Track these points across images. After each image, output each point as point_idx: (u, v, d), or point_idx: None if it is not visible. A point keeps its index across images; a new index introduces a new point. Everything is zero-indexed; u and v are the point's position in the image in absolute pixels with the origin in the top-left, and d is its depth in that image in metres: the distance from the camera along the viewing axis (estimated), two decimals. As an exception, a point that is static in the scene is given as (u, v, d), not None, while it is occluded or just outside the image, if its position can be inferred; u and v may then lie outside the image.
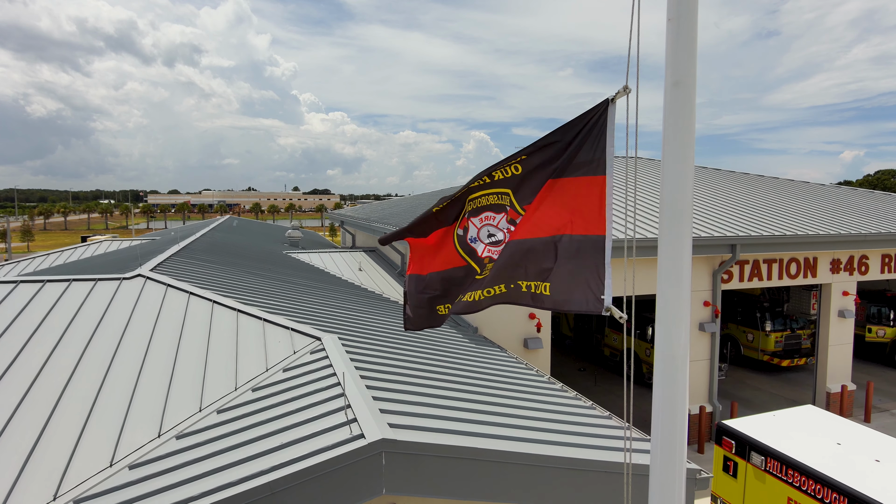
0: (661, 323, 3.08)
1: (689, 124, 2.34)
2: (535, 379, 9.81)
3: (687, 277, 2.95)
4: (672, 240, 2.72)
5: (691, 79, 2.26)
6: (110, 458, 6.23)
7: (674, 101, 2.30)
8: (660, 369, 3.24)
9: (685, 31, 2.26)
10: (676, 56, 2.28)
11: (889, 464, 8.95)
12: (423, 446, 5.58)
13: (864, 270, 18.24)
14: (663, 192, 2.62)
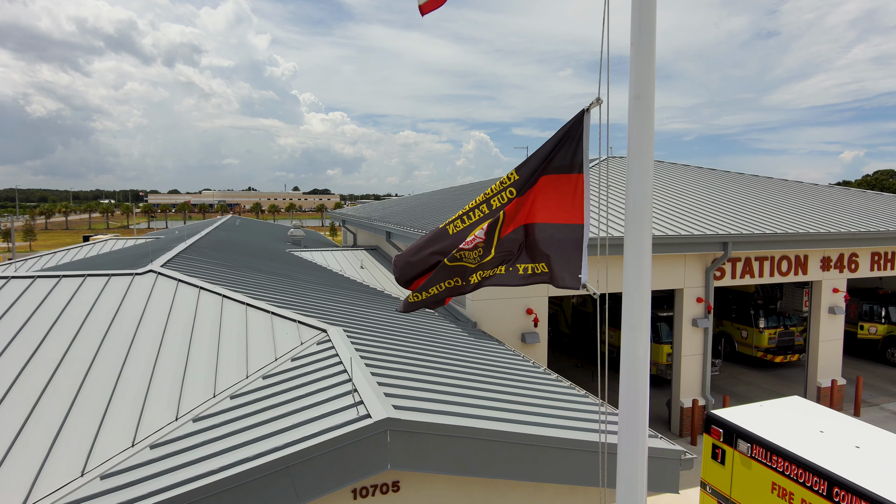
0: (626, 310, 3.48)
1: (649, 131, 2.77)
2: (530, 369, 10.24)
3: (647, 267, 3.34)
4: (635, 229, 3.12)
5: (650, 93, 2.69)
6: (132, 439, 6.67)
7: (636, 112, 2.73)
8: (625, 354, 3.63)
9: (645, 53, 2.68)
10: (638, 74, 2.70)
11: (868, 449, 9.39)
12: (425, 425, 6.02)
13: (853, 268, 18.68)
14: (628, 188, 3.04)
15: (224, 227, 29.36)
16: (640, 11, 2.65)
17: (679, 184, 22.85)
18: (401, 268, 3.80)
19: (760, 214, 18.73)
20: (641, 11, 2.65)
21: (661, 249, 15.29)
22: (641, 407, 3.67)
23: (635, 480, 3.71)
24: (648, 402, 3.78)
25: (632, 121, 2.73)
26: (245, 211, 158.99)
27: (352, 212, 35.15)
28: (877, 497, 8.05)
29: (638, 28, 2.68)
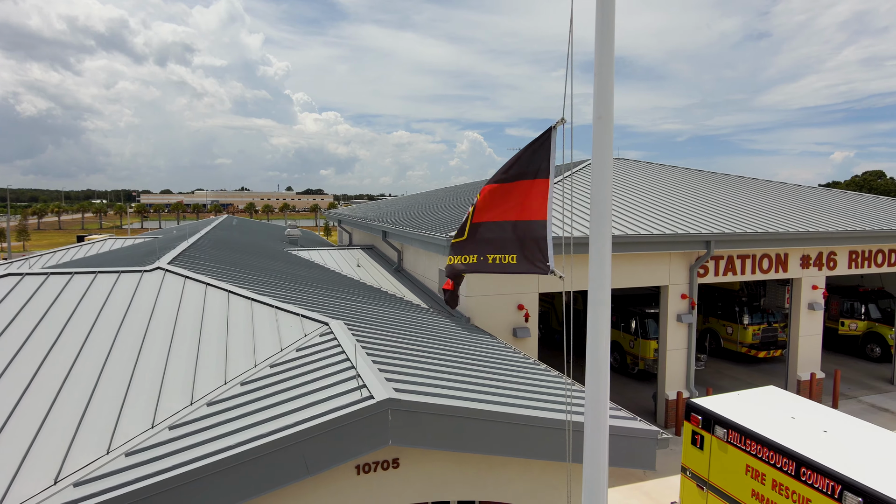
0: (591, 301, 4.06)
1: (608, 146, 3.34)
2: (520, 359, 10.86)
3: (607, 265, 3.89)
4: (598, 234, 3.69)
5: (610, 114, 3.27)
6: (152, 421, 7.22)
7: (598, 130, 3.30)
8: (591, 350, 4.20)
9: (605, 81, 3.25)
10: (599, 98, 3.28)
11: (834, 433, 10.07)
12: (423, 405, 6.61)
13: (832, 266, 19.42)
14: (592, 194, 3.63)
15: (222, 226, 29.83)
16: (601, 46, 3.23)
17: (665, 184, 23.55)
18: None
19: (743, 214, 19.44)
20: (602, 46, 3.24)
21: (646, 248, 15.95)
22: (603, 388, 4.23)
23: (598, 453, 4.28)
24: (609, 384, 4.36)
25: (595, 137, 3.31)
26: (239, 211, 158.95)
27: (347, 212, 35.68)
28: (837, 474, 8.73)
29: (599, 60, 3.26)
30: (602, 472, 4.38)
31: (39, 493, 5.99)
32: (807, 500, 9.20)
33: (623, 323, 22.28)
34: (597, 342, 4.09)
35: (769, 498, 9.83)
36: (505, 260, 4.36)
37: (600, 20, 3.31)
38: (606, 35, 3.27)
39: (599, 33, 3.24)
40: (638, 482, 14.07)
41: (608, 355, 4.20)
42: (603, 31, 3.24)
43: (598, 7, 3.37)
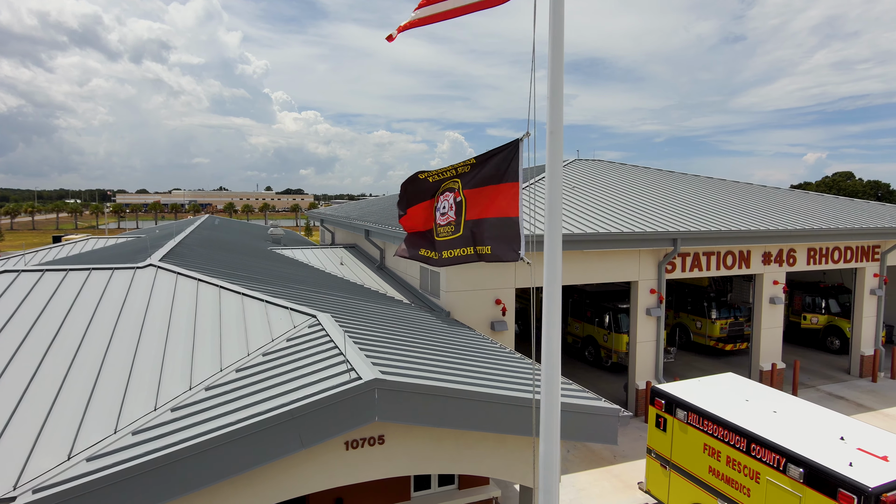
0: (546, 294, 4.77)
1: (559, 157, 4.06)
2: (496, 349, 11.60)
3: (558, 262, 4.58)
4: (551, 230, 4.40)
5: (560, 129, 3.98)
6: (154, 404, 7.80)
7: (551, 144, 4.01)
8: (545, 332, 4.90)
9: (556, 103, 3.97)
10: (552, 116, 3.99)
11: (783, 413, 11.00)
12: (406, 385, 7.30)
13: (792, 262, 20.55)
14: (547, 197, 4.35)
15: (205, 226, 30.12)
16: (553, 75, 3.94)
17: (636, 185, 24.55)
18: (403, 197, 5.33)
19: (708, 213, 20.47)
20: (553, 73, 3.95)
21: (617, 245, 16.83)
22: (555, 369, 4.95)
23: (552, 425, 5.00)
24: (560, 364, 5.06)
25: (549, 148, 4.03)
26: (217, 211, 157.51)
27: (330, 211, 36.15)
28: (782, 448, 9.64)
29: (551, 86, 3.97)
30: (555, 442, 5.08)
31: (56, 466, 6.56)
32: (756, 474, 10.09)
33: (597, 318, 23.18)
34: (550, 330, 4.78)
35: (724, 473, 10.72)
36: (484, 250, 5.08)
37: (552, 49, 4.02)
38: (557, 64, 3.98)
39: (552, 62, 3.95)
40: (608, 466, 14.92)
41: (559, 340, 4.90)
42: (554, 61, 3.96)
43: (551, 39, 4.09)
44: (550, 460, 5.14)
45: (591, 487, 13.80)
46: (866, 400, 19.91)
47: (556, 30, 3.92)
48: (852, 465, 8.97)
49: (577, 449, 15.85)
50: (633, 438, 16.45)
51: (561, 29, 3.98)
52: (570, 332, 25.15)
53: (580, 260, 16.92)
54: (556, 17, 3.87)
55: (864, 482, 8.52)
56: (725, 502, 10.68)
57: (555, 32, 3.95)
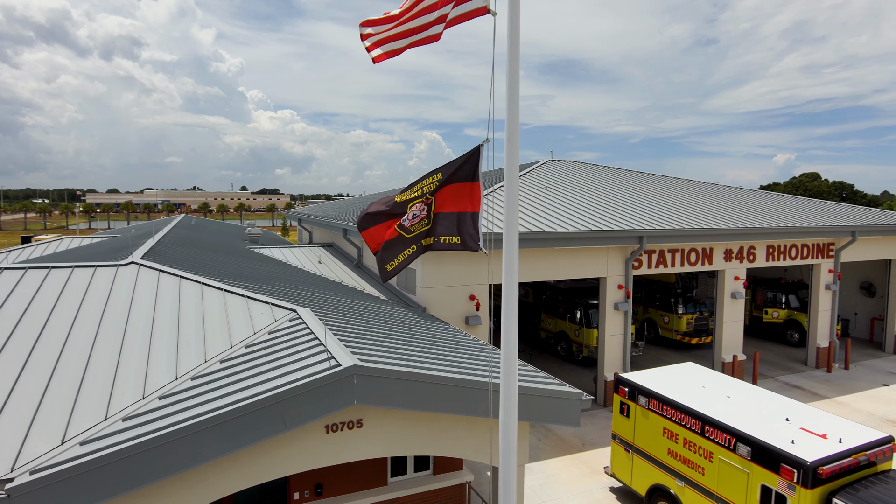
0: (505, 285, 5.32)
1: (516, 161, 4.64)
2: (469, 341, 12.19)
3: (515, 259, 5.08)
4: (508, 227, 4.94)
5: (516, 136, 4.55)
6: (142, 393, 8.19)
7: (508, 150, 4.60)
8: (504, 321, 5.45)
9: (513, 116, 4.55)
10: (509, 124, 4.54)
11: (736, 398, 11.80)
12: (383, 371, 7.83)
13: (752, 259, 21.59)
14: (505, 197, 4.92)
15: (181, 225, 30.14)
16: (510, 89, 4.52)
17: (606, 185, 25.42)
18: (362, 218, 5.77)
19: (673, 212, 21.38)
20: (510, 88, 4.52)
21: (586, 242, 17.57)
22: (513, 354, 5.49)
23: (510, 406, 5.53)
24: (517, 350, 5.62)
25: (507, 153, 4.60)
26: (192, 211, 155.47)
27: (307, 211, 36.40)
28: (732, 429, 10.42)
29: (508, 100, 4.55)
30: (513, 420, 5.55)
31: (51, 450, 6.93)
32: (710, 453, 10.86)
33: (569, 314, 23.96)
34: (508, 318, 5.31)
35: (681, 454, 11.48)
36: (452, 240, 5.66)
37: (509, 69, 4.59)
38: (513, 82, 4.56)
39: (509, 80, 4.52)
40: (577, 453, 15.63)
41: (517, 329, 5.43)
42: (511, 79, 4.53)
43: (509, 55, 4.66)
44: (508, 437, 5.66)
45: (560, 473, 14.49)
46: (821, 389, 21.03)
47: (512, 54, 4.50)
48: (794, 442, 9.78)
49: (548, 438, 16.55)
50: (602, 427, 17.21)
51: (517, 53, 4.55)
52: (543, 328, 25.90)
53: (551, 257, 17.62)
54: (512, 43, 4.44)
55: (803, 457, 9.33)
56: (682, 481, 11.44)
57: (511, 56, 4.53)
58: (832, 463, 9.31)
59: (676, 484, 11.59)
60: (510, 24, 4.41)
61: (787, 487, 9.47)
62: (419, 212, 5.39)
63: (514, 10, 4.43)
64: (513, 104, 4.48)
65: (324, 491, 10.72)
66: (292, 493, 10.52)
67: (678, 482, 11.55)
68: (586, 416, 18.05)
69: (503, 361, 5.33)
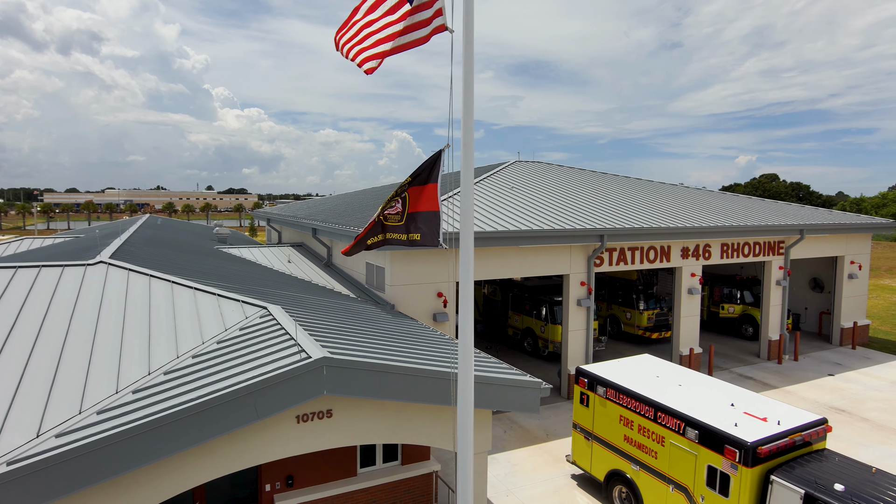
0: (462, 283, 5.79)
1: (471, 162, 5.11)
2: (435, 335, 12.66)
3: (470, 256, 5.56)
4: (464, 227, 5.43)
5: (471, 140, 5.03)
6: (115, 388, 8.40)
7: (464, 153, 5.06)
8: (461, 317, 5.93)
9: (468, 126, 5.01)
10: (465, 133, 5.02)
11: (687, 386, 12.55)
12: (352, 362, 8.23)
13: (707, 256, 22.61)
14: (461, 197, 5.40)
15: (147, 225, 29.82)
16: (465, 102, 4.98)
17: (570, 185, 26.21)
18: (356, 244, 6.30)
19: (633, 211, 22.25)
20: (465, 101, 4.99)
21: (549, 241, 18.22)
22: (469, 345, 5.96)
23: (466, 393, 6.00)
24: (473, 341, 6.08)
25: (462, 158, 5.07)
26: (156, 211, 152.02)
27: (277, 210, 36.33)
28: (681, 414, 11.13)
29: (462, 106, 5.03)
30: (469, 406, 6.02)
31: (27, 443, 7.12)
32: (662, 438, 11.56)
33: (535, 311, 24.64)
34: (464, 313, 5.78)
35: (635, 440, 12.16)
36: (413, 237, 6.11)
37: (465, 87, 5.07)
38: (468, 89, 5.04)
39: (464, 96, 5.00)
40: (541, 443, 16.24)
41: (472, 321, 5.90)
42: (466, 95, 5.01)
43: (464, 66, 5.13)
44: (465, 421, 6.11)
45: (524, 462, 15.07)
46: (771, 379, 22.18)
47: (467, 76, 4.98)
48: (737, 425, 10.52)
49: (513, 430, 17.13)
50: (565, 419, 17.88)
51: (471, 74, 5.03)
52: (510, 325, 26.54)
53: (517, 255, 18.22)
54: (466, 63, 4.92)
55: (744, 438, 10.07)
56: (638, 466, 12.12)
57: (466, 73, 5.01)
58: (770, 443, 10.07)
59: (632, 468, 12.27)
60: (465, 44, 4.88)
61: (730, 467, 10.21)
62: (397, 202, 5.87)
63: (468, 31, 4.90)
64: (468, 117, 4.96)
65: (294, 482, 11.04)
66: (263, 485, 10.81)
67: (634, 466, 12.23)
68: (550, 409, 18.72)
69: (460, 351, 5.81)
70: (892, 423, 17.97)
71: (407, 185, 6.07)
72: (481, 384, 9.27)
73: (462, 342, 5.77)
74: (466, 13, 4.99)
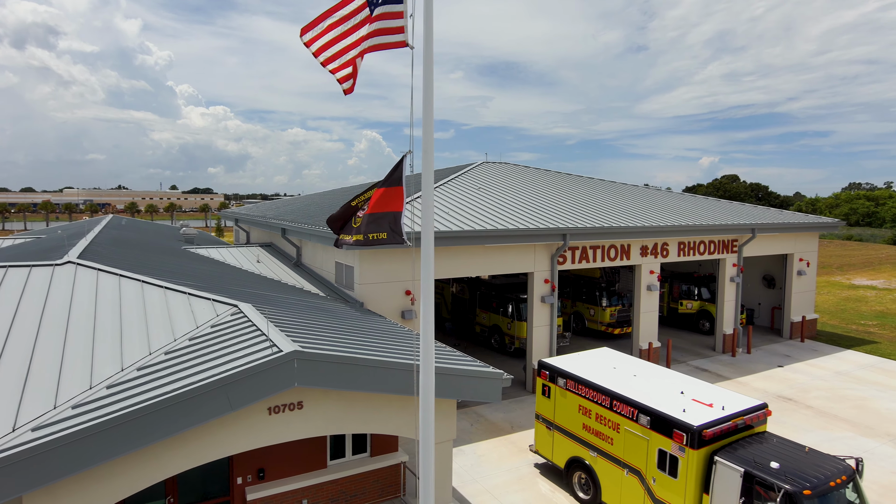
0: (423, 278, 6.29)
1: (431, 170, 5.60)
2: (402, 332, 13.11)
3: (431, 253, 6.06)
4: (426, 227, 5.94)
5: (431, 148, 5.53)
6: (89, 383, 8.63)
7: (425, 161, 5.56)
8: (423, 311, 6.44)
9: (428, 136, 5.51)
10: (425, 138, 5.52)
11: (641, 377, 13.30)
12: (321, 356, 8.63)
13: (665, 254, 23.62)
14: (422, 200, 5.89)
15: (111, 226, 29.44)
16: (425, 114, 5.47)
17: (535, 186, 26.97)
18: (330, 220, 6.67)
19: (595, 211, 23.10)
20: (425, 105, 5.48)
21: (514, 240, 18.86)
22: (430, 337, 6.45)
23: (427, 383, 6.49)
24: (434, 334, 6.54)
25: (423, 165, 5.57)
26: (118, 211, 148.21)
27: (245, 211, 36.21)
28: (634, 402, 11.84)
29: (423, 111, 5.52)
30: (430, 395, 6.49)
31: (3, 437, 7.33)
32: (617, 425, 12.26)
33: (501, 308, 25.30)
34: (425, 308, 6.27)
35: (593, 427, 12.84)
36: (380, 236, 6.56)
37: (425, 88, 5.56)
38: (428, 99, 5.53)
39: (425, 99, 5.49)
40: (506, 435, 16.86)
41: (433, 316, 6.38)
42: (426, 97, 5.50)
43: (424, 77, 5.62)
44: (427, 409, 6.56)
45: (490, 453, 15.65)
46: (725, 371, 23.30)
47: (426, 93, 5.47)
48: (685, 411, 11.28)
49: (480, 423, 17.71)
50: (529, 412, 18.53)
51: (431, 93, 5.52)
52: (478, 323, 27.14)
53: (483, 254, 18.80)
54: (427, 77, 5.41)
55: (691, 422, 10.82)
56: (595, 452, 12.81)
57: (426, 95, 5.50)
58: (714, 426, 10.85)
59: (590, 455, 12.95)
60: (425, 60, 5.37)
61: (678, 449, 10.95)
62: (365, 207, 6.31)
63: (427, 47, 5.39)
64: (428, 125, 5.45)
65: (266, 475, 11.36)
66: (235, 477, 11.10)
67: (592, 453, 12.91)
68: (515, 402, 19.36)
69: (422, 344, 6.29)
70: (833, 410, 19.18)
71: (374, 187, 6.53)
72: (445, 375, 9.79)
73: (423, 334, 6.26)
74: (427, 32, 5.47)
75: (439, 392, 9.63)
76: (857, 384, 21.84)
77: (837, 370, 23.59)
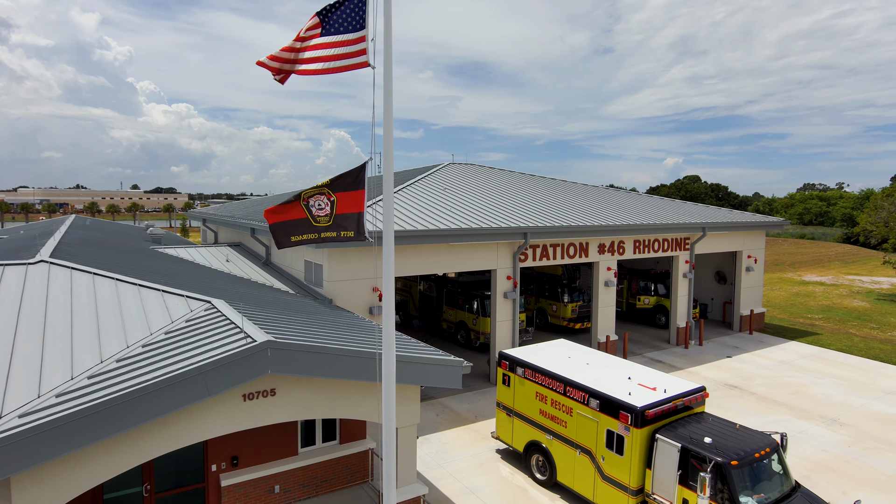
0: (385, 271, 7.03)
1: (391, 173, 6.34)
2: (367, 325, 13.82)
3: (391, 251, 6.84)
4: (386, 226, 6.68)
5: (391, 153, 6.28)
6: (71, 374, 9.09)
7: (385, 164, 6.29)
8: (384, 302, 7.19)
9: (388, 135, 6.24)
10: (385, 145, 6.25)
11: (593, 365, 14.30)
12: (293, 345, 9.29)
13: (621, 252, 24.84)
14: (383, 201, 6.64)
15: (76, 226, 29.22)
16: (385, 114, 6.20)
17: (498, 186, 27.94)
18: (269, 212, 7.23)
19: (555, 211, 24.16)
20: (386, 113, 6.21)
21: (477, 238, 19.72)
22: (391, 328, 7.22)
23: (389, 370, 7.25)
24: (394, 324, 7.28)
25: (384, 166, 6.30)
26: (77, 211, 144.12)
27: (213, 211, 36.25)
28: (585, 387, 12.81)
29: (383, 115, 6.26)
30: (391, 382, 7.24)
31: (-9, 423, 7.77)
32: (570, 409, 13.22)
33: (467, 305, 26.17)
34: (387, 300, 7.02)
35: (549, 412, 13.78)
36: (346, 234, 7.28)
37: (385, 91, 6.30)
38: (388, 105, 6.28)
39: (385, 119, 6.23)
40: (470, 424, 17.71)
41: (393, 308, 7.15)
42: (386, 102, 6.24)
43: (385, 79, 6.37)
44: (388, 393, 7.31)
45: (454, 441, 16.48)
46: (678, 362, 24.66)
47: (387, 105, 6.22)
48: (630, 394, 12.30)
49: (445, 413, 18.52)
50: (492, 403, 19.43)
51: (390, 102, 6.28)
52: (445, 319, 27.96)
53: (448, 252, 19.61)
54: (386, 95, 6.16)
55: (634, 403, 11.83)
56: (551, 435, 13.75)
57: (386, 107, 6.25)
58: (656, 407, 11.89)
59: (546, 438, 13.88)
60: (384, 76, 6.12)
61: (624, 429, 11.95)
62: (324, 205, 6.94)
63: (387, 66, 6.14)
64: (388, 135, 6.21)
65: (239, 462, 11.94)
66: (210, 464, 11.65)
67: (548, 437, 13.85)
68: (479, 394, 20.24)
69: (384, 332, 7.05)
70: (774, 396, 20.63)
71: (330, 186, 7.16)
72: (407, 363, 10.54)
73: (385, 324, 7.02)
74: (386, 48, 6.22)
75: (402, 378, 10.40)
76: (797, 372, 23.44)
77: (781, 360, 25.21)
